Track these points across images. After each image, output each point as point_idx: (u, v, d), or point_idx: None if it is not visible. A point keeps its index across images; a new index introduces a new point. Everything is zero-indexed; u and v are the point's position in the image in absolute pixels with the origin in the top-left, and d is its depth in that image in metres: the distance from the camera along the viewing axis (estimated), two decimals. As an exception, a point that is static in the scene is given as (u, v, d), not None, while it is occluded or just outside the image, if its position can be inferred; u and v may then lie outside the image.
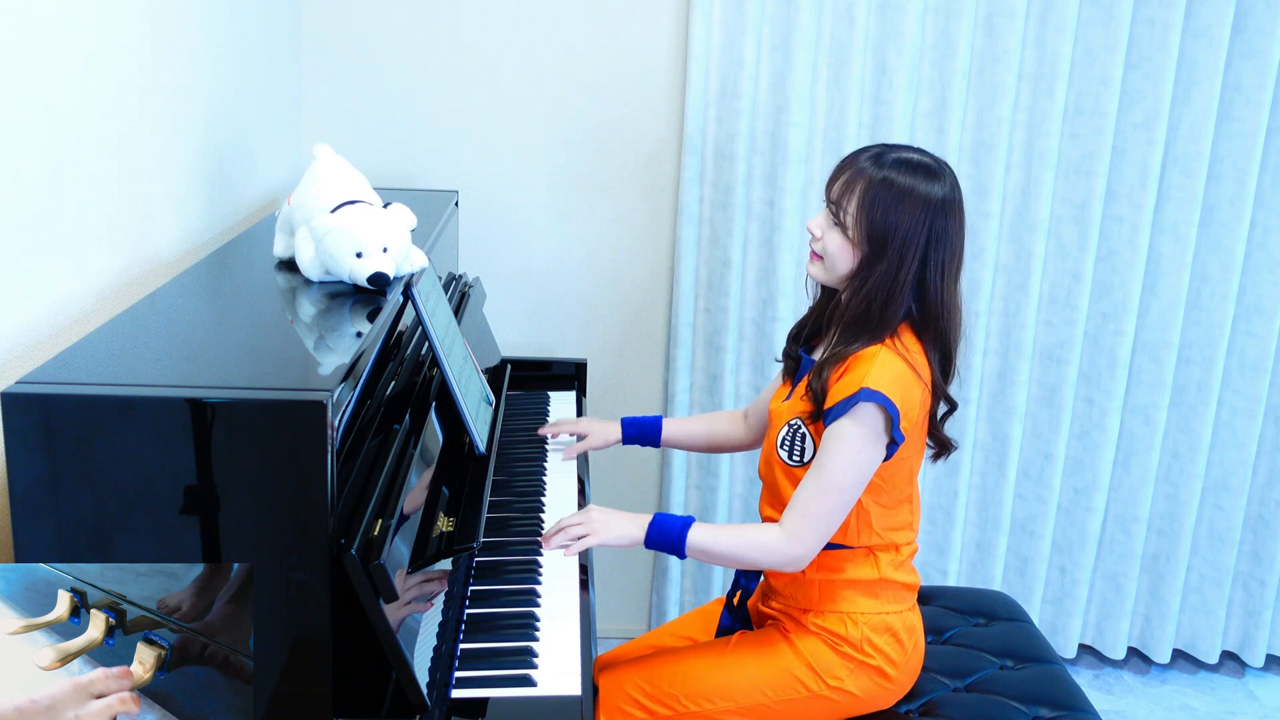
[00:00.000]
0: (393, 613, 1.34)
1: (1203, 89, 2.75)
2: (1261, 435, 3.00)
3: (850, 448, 1.74)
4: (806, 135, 2.75)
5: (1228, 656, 3.19)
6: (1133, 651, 3.18)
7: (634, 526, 1.83)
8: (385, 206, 1.76)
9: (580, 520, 1.84)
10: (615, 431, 2.23)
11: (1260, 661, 3.11)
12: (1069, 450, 3.00)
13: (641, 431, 2.23)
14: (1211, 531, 3.05)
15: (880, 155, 1.79)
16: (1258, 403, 2.95)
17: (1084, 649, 3.18)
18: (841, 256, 1.80)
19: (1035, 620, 3.01)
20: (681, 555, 1.81)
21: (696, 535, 1.80)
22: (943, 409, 1.88)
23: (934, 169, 1.78)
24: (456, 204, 2.62)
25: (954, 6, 2.69)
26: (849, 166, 1.81)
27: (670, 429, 2.22)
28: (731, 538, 1.83)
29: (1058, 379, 2.93)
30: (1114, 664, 3.14)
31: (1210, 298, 2.90)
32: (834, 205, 1.80)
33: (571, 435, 2.28)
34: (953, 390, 2.92)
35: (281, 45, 2.57)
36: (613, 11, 2.73)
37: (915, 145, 2.04)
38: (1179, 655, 3.18)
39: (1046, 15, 2.72)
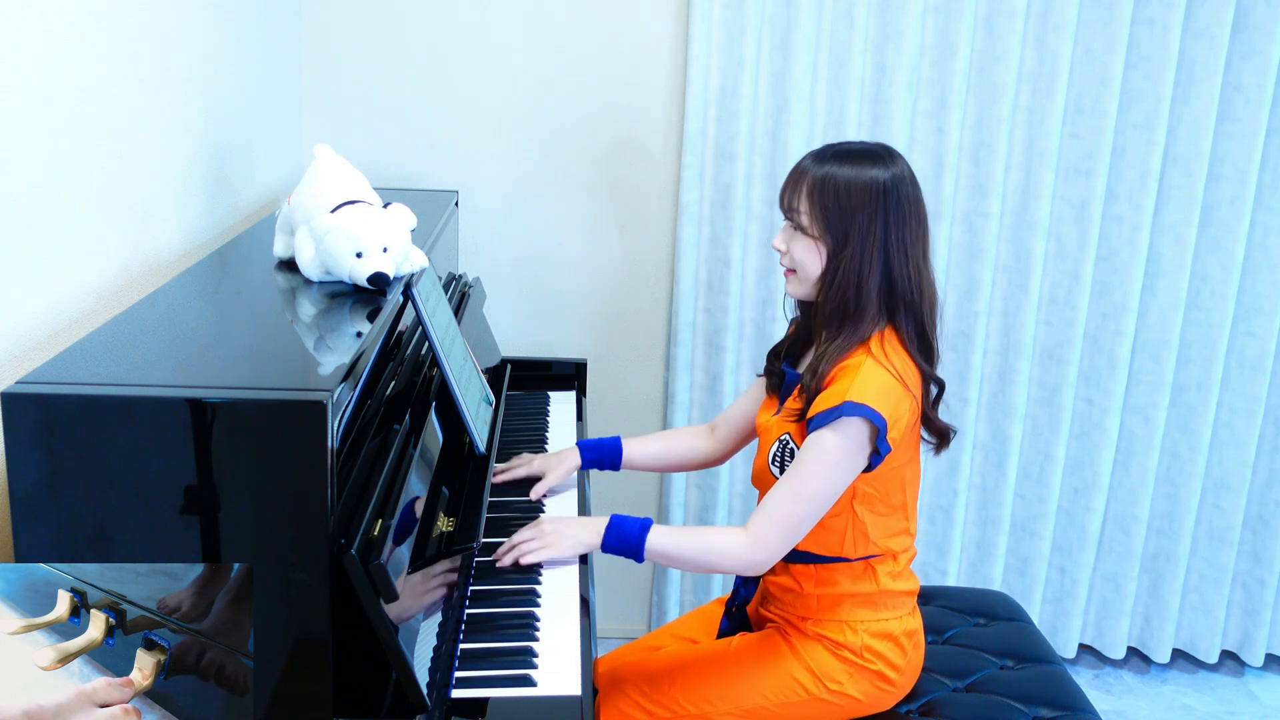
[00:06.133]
0: (393, 613, 1.34)
1: (1202, 89, 2.75)
2: (1261, 435, 3.00)
3: (829, 459, 1.72)
4: (806, 135, 2.75)
5: (1227, 656, 3.19)
6: (1132, 651, 3.18)
7: (589, 532, 1.81)
8: (385, 206, 1.76)
9: (533, 535, 1.81)
10: (573, 459, 2.09)
11: (1260, 661, 3.11)
12: (1069, 450, 3.00)
13: (601, 454, 2.10)
14: (1211, 531, 3.05)
15: (820, 152, 1.82)
16: (1257, 403, 2.95)
17: (1084, 649, 3.18)
18: (810, 260, 1.81)
19: (1035, 620, 3.00)
20: (640, 559, 1.78)
21: (656, 538, 1.77)
22: (934, 391, 1.86)
23: (876, 153, 1.80)
24: (456, 204, 2.62)
25: (954, 6, 2.69)
26: (793, 172, 1.83)
27: (630, 449, 2.12)
28: (693, 541, 1.80)
29: (1057, 379, 2.93)
30: (1114, 664, 3.14)
31: (1210, 298, 2.90)
32: (789, 211, 1.82)
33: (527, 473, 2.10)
34: (952, 390, 2.97)
35: (281, 45, 2.57)
36: (613, 11, 2.73)
37: (861, 139, 2.03)
38: (1178, 655, 3.18)
39: (1046, 15, 2.72)
